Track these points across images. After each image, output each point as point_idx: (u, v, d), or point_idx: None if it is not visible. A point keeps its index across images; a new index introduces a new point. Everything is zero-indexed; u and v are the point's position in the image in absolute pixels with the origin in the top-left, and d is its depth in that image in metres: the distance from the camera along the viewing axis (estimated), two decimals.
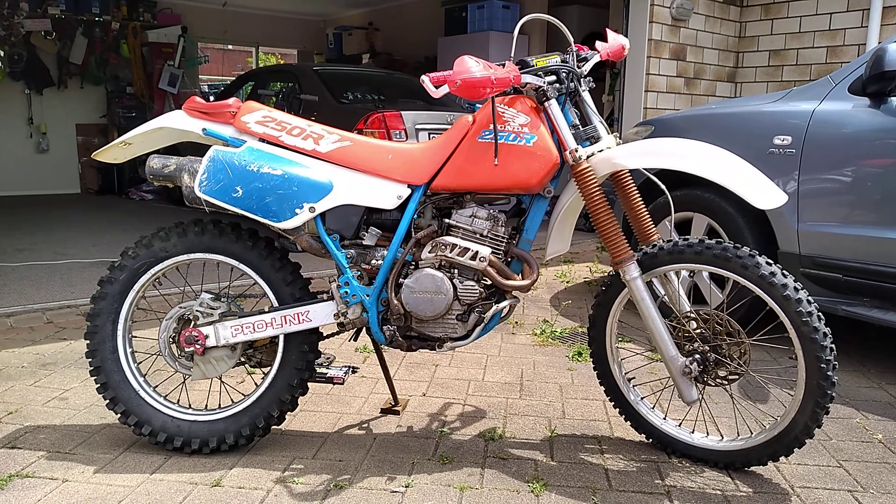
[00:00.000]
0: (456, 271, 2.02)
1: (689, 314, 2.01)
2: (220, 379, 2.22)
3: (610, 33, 2.24)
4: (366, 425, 2.33)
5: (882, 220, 2.76)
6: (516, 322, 3.60)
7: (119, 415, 2.11)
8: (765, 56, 6.35)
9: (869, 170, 2.80)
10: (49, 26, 8.64)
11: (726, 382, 1.97)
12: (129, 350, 2.13)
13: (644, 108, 5.81)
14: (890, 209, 2.74)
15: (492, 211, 2.03)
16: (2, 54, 8.34)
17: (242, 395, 2.26)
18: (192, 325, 2.10)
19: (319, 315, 2.07)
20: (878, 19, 5.51)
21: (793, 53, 6.13)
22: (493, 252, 2.01)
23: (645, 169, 1.98)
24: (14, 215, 7.00)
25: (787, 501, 1.87)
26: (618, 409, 2.20)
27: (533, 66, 1.97)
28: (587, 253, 5.51)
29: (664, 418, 2.14)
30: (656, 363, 2.92)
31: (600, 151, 1.97)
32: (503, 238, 2.03)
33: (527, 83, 1.93)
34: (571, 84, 1.99)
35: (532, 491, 1.91)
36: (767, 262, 1.87)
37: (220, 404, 2.21)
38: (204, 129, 2.08)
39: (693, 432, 2.10)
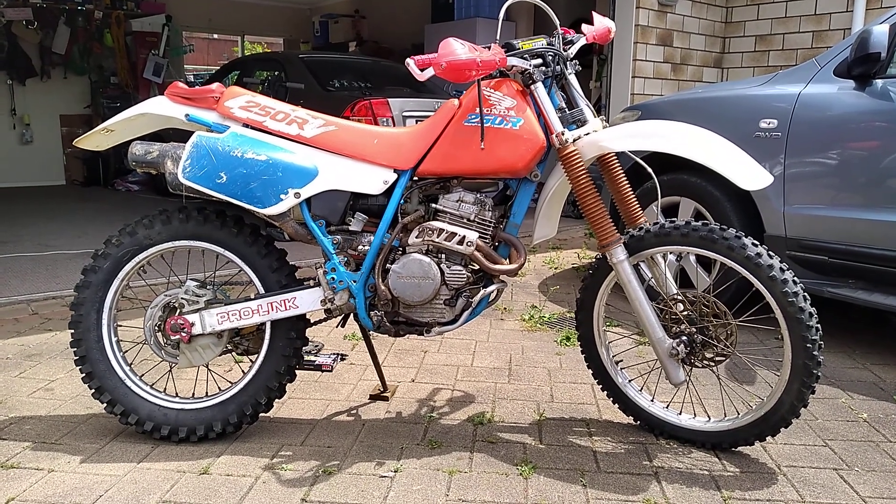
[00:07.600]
0: (443, 256, 2.02)
1: (675, 296, 2.02)
2: (207, 367, 2.21)
3: (596, 16, 2.23)
4: (354, 412, 2.33)
5: (867, 203, 2.78)
6: (505, 308, 3.60)
7: (105, 404, 2.09)
8: (751, 41, 6.35)
9: (854, 152, 2.81)
10: (31, 15, 8.51)
11: (713, 364, 1.98)
12: (114, 339, 2.11)
13: (631, 93, 5.81)
14: (875, 191, 2.75)
15: (479, 195, 2.02)
16: None
17: (230, 382, 2.25)
18: (177, 313, 2.08)
19: (306, 301, 2.05)
20: (864, 3, 5.53)
21: (779, 38, 6.14)
22: (480, 237, 2.00)
23: (632, 152, 1.98)
24: None
25: (774, 481, 1.89)
26: (606, 392, 2.21)
27: (519, 48, 1.96)
28: (575, 239, 5.51)
29: (652, 400, 2.15)
30: (644, 346, 2.93)
31: (587, 135, 1.96)
32: (490, 222, 2.03)
33: (513, 66, 1.92)
34: (558, 67, 1.98)
35: (521, 474, 1.92)
36: (753, 244, 1.88)
37: (207, 392, 2.20)
38: (187, 115, 2.05)
39: (680, 414, 2.11)
